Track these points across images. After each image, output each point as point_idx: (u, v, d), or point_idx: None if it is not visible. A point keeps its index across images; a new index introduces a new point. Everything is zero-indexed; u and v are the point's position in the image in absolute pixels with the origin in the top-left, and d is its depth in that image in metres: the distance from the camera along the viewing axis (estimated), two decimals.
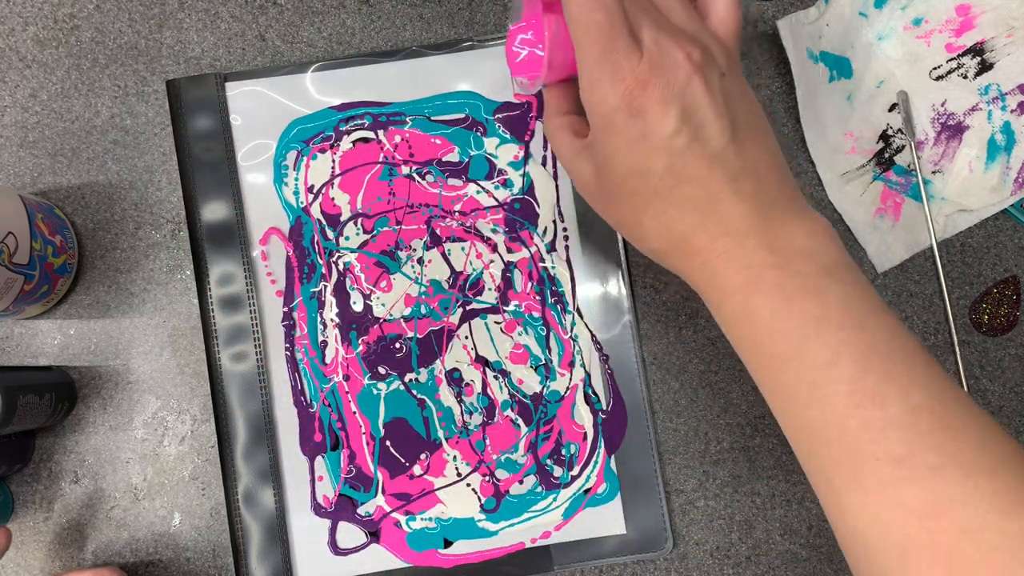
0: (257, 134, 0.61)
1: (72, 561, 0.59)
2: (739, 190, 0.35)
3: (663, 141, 0.34)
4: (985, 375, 0.61)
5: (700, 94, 0.34)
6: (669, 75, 0.34)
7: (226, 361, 0.60)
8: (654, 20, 0.35)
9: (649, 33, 0.34)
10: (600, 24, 0.34)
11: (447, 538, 0.59)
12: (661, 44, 0.34)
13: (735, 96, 0.36)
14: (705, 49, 0.35)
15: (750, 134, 0.36)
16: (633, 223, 0.37)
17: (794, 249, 0.35)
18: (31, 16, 0.62)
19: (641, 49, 0.34)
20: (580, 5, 0.34)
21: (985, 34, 0.57)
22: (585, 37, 0.34)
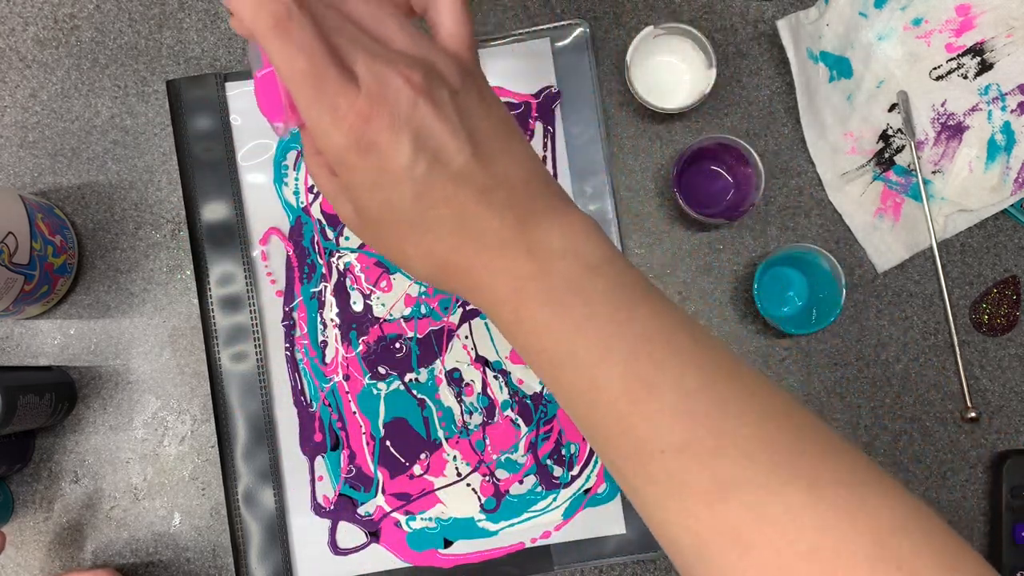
0: (257, 134, 0.61)
1: (72, 561, 0.59)
2: (491, 203, 0.35)
3: (403, 172, 0.33)
4: (985, 375, 0.61)
5: (429, 117, 0.34)
6: (392, 104, 0.33)
7: (226, 361, 0.60)
8: (367, 49, 0.34)
9: (363, 64, 0.33)
10: (304, 69, 0.32)
11: (447, 538, 0.59)
12: (377, 73, 0.33)
13: (472, 110, 0.35)
14: (428, 69, 0.35)
15: (497, 145, 0.36)
16: (398, 254, 0.37)
17: (554, 251, 0.35)
18: (31, 16, 0.62)
19: (357, 82, 0.33)
20: (280, 55, 0.33)
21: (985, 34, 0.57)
22: (294, 85, 0.33)
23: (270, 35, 0.32)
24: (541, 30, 0.61)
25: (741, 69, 0.62)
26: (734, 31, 0.62)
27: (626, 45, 0.60)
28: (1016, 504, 0.58)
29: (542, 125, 0.61)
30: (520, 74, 0.61)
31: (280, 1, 0.32)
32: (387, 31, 0.36)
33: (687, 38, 0.60)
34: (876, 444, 0.60)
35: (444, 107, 0.34)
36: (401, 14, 0.37)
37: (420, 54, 0.35)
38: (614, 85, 0.62)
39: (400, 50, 0.35)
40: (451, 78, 0.35)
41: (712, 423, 0.32)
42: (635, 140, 0.62)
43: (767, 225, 0.62)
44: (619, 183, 0.61)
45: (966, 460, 0.60)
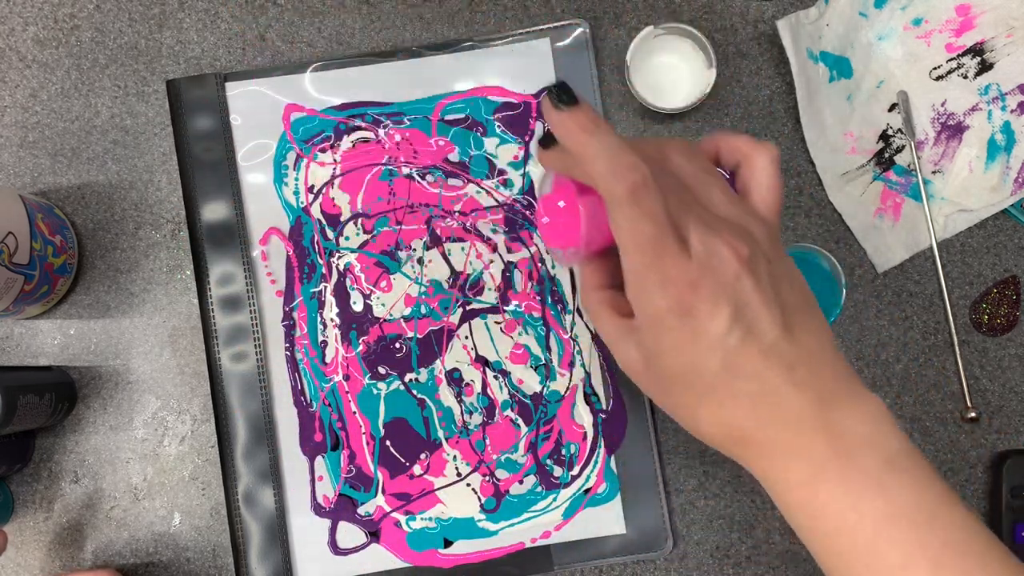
0: (257, 134, 0.61)
1: (72, 561, 0.59)
2: (795, 380, 0.35)
3: (716, 340, 0.34)
4: (985, 375, 0.61)
5: (749, 290, 0.34)
6: (718, 274, 0.34)
7: (226, 361, 0.60)
8: (699, 217, 0.35)
9: (696, 233, 0.34)
10: (649, 234, 0.33)
11: (447, 538, 0.59)
12: (708, 243, 0.34)
13: (782, 280, 0.36)
14: (751, 240, 0.35)
15: (801, 318, 0.36)
16: (687, 414, 0.37)
17: (855, 438, 0.34)
18: (31, 16, 0.62)
19: (689, 250, 0.34)
20: (628, 218, 0.33)
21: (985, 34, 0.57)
22: (633, 246, 0.34)
23: (624, 201, 0.33)
24: (541, 30, 0.61)
25: (741, 69, 0.62)
26: (734, 31, 0.62)
27: (626, 45, 0.60)
28: (1016, 504, 0.58)
29: (542, 125, 0.61)
30: (520, 74, 0.61)
31: (639, 171, 0.33)
32: (710, 193, 0.37)
33: (687, 38, 0.60)
34: None
35: (762, 280, 0.35)
36: (720, 176, 0.38)
37: (741, 221, 0.36)
38: (614, 85, 0.62)
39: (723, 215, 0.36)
40: (766, 247, 0.36)
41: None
42: None
43: None
44: None
45: (966, 460, 0.60)
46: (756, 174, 0.39)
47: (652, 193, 0.34)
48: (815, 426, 0.35)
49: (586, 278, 0.40)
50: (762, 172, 0.39)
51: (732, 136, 0.40)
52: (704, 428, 0.37)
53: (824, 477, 0.34)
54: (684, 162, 0.38)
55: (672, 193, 0.35)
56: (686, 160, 0.38)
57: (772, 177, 0.39)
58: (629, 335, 0.37)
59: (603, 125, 0.35)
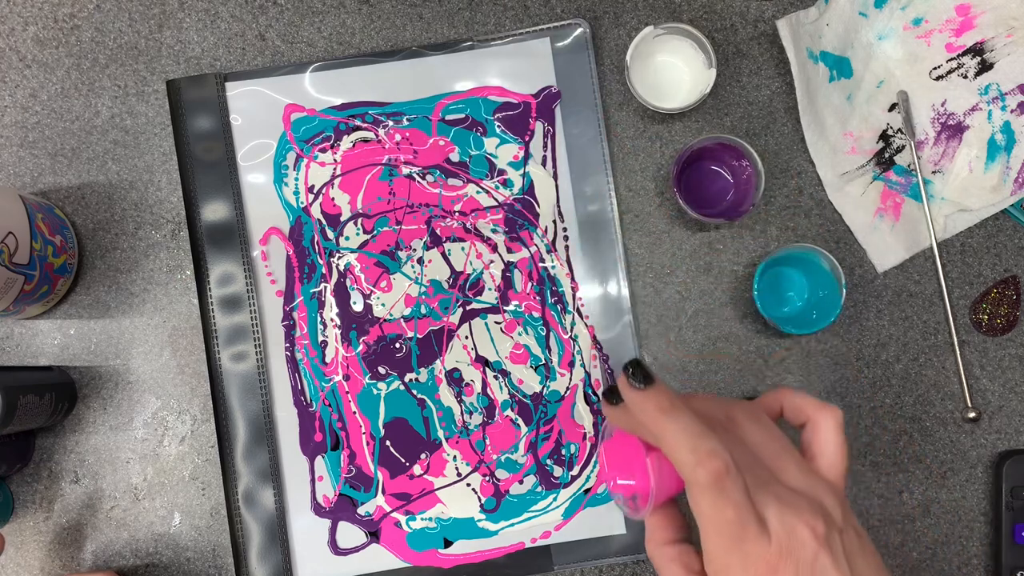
0: (257, 134, 0.61)
1: (72, 561, 0.59)
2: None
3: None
4: (985, 375, 0.61)
5: (827, 567, 0.35)
6: (797, 555, 0.34)
7: (226, 361, 0.60)
8: (776, 495, 0.36)
9: (774, 513, 0.35)
10: (731, 519, 0.34)
11: (447, 538, 0.59)
12: (786, 523, 0.35)
13: (855, 549, 0.37)
14: (826, 515, 0.36)
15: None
16: None
17: None
18: (31, 16, 0.62)
19: (768, 531, 0.35)
20: (712, 506, 0.34)
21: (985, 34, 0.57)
22: (714, 530, 0.34)
23: (708, 488, 0.34)
24: (541, 30, 0.61)
25: (741, 69, 0.62)
26: (734, 31, 0.62)
27: (626, 45, 0.60)
28: (1016, 504, 0.58)
29: (542, 125, 0.61)
30: (520, 74, 0.61)
31: (721, 458, 0.34)
32: (783, 464, 0.38)
33: (687, 38, 0.60)
34: (876, 444, 0.60)
35: (838, 554, 0.35)
36: (791, 445, 0.39)
37: (814, 493, 0.37)
38: (614, 85, 0.62)
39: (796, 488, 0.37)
40: (836, 516, 0.37)
41: None
42: (635, 140, 0.62)
43: (767, 225, 0.62)
44: (619, 183, 0.61)
45: (966, 460, 0.60)
46: (822, 438, 0.40)
47: (734, 480, 0.34)
48: None
49: (653, 531, 0.40)
50: (828, 437, 0.40)
51: (796, 396, 0.41)
52: None
53: None
54: (754, 429, 0.39)
55: (748, 469, 0.36)
56: (756, 427, 0.39)
57: (839, 442, 0.40)
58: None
59: (680, 405, 0.36)
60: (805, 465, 0.39)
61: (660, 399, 0.36)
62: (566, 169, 0.61)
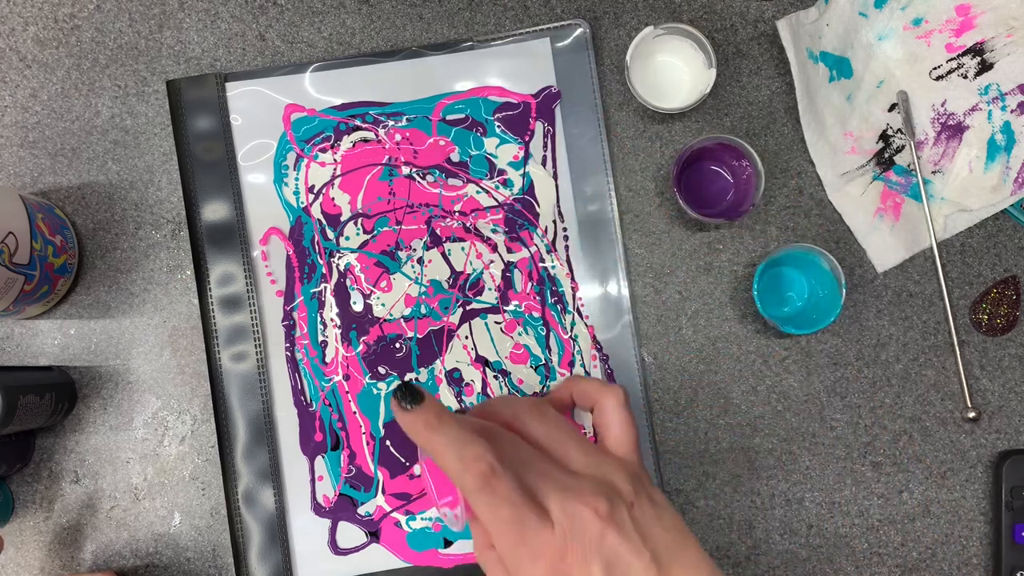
0: (257, 134, 0.61)
1: (72, 561, 0.59)
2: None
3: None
4: (985, 375, 0.61)
5: (616, 543, 0.35)
6: (582, 537, 0.35)
7: (226, 361, 0.60)
8: (555, 482, 0.36)
9: (555, 501, 0.36)
10: (507, 516, 0.35)
11: (447, 538, 0.59)
12: (567, 508, 0.36)
13: (648, 518, 0.38)
14: (610, 492, 0.37)
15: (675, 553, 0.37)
16: None
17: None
18: (31, 16, 0.62)
19: (551, 520, 0.35)
20: (485, 508, 0.35)
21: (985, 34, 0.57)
22: (496, 530, 0.35)
23: (477, 492, 0.35)
24: (541, 30, 0.61)
25: (741, 69, 0.62)
26: (734, 31, 0.62)
27: (626, 45, 0.60)
28: (1016, 504, 0.58)
29: (542, 125, 0.61)
30: (520, 74, 0.61)
31: (484, 460, 0.35)
32: (566, 451, 0.39)
33: (687, 38, 0.60)
34: (876, 444, 0.60)
35: (627, 529, 0.36)
36: (575, 431, 0.40)
37: (599, 473, 0.38)
38: (614, 85, 0.62)
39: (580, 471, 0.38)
40: (626, 492, 0.38)
41: None
42: (635, 140, 0.62)
43: (767, 225, 0.62)
44: (619, 183, 0.61)
45: (966, 460, 0.60)
46: (606, 417, 0.41)
47: (501, 478, 0.35)
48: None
49: (477, 537, 0.41)
50: (612, 414, 0.41)
51: (582, 381, 0.43)
52: None
53: None
54: (536, 424, 0.39)
55: (528, 464, 0.37)
56: (538, 421, 0.40)
57: (623, 418, 0.41)
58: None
59: (447, 419, 0.36)
60: (589, 447, 0.39)
61: (428, 416, 0.36)
62: (566, 169, 0.61)
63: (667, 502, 0.40)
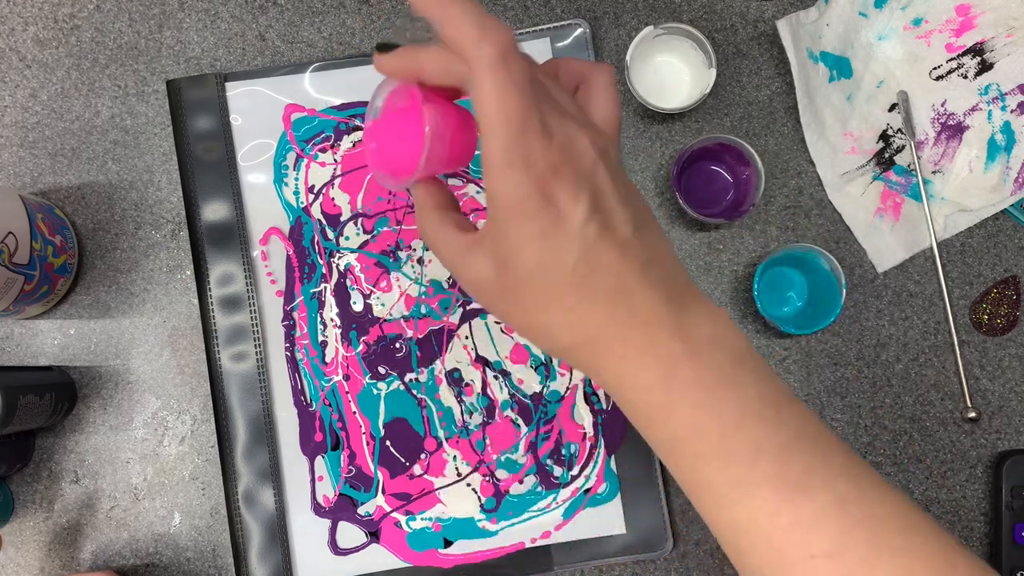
0: (257, 134, 0.61)
1: (72, 561, 0.59)
2: (649, 279, 0.34)
3: (575, 230, 0.33)
4: (985, 375, 0.61)
5: (606, 181, 0.34)
6: (577, 161, 0.33)
7: (226, 361, 0.60)
8: (557, 107, 0.34)
9: (556, 119, 0.33)
10: (516, 106, 0.32)
11: (447, 538, 0.59)
12: (568, 130, 0.33)
13: (629, 188, 0.36)
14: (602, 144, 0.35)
15: (647, 220, 0.36)
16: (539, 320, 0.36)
17: (704, 338, 0.34)
18: (31, 16, 0.62)
19: (551, 132, 0.33)
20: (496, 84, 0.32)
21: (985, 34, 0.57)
22: (499, 121, 0.32)
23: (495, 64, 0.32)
24: (541, 30, 0.61)
25: (741, 69, 0.62)
26: (734, 31, 0.62)
27: (626, 45, 0.60)
28: (1016, 504, 0.58)
29: None
30: None
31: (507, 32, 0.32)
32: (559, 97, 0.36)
33: (687, 38, 0.60)
34: (876, 444, 0.60)
35: (616, 176, 0.34)
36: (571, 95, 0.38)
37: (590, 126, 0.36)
38: None
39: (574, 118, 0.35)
40: (613, 155, 0.36)
41: (864, 532, 0.32)
42: (635, 140, 0.62)
43: (767, 225, 0.62)
44: None
45: (966, 460, 0.60)
46: (595, 92, 0.38)
47: (520, 60, 0.32)
48: (667, 326, 0.34)
49: (423, 199, 0.38)
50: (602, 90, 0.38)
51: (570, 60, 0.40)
52: (557, 333, 0.35)
53: (677, 376, 0.34)
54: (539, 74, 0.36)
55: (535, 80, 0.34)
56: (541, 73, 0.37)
57: (611, 95, 0.38)
58: (476, 247, 0.36)
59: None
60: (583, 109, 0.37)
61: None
62: None
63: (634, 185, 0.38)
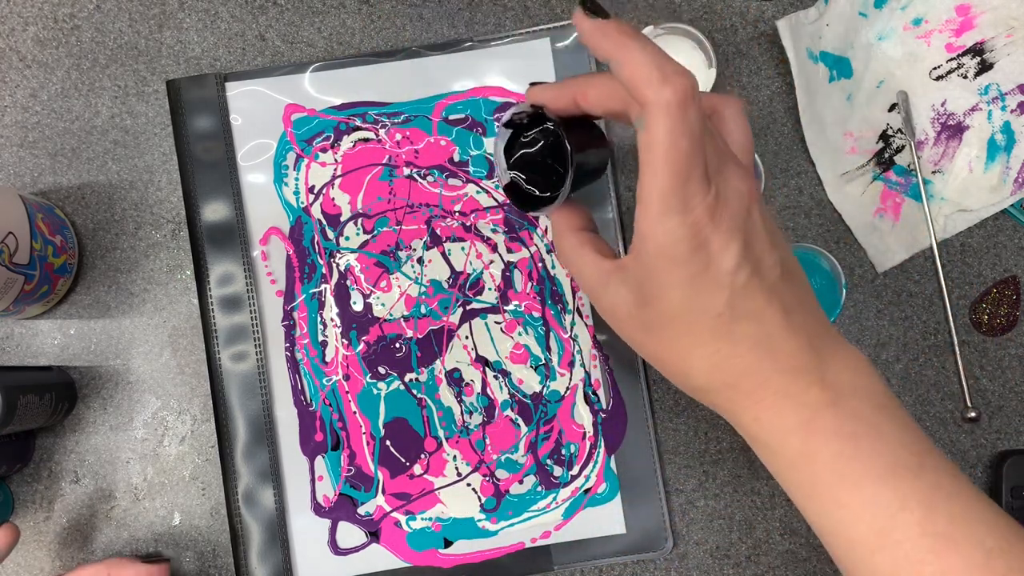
0: (257, 134, 0.61)
1: (72, 561, 0.59)
2: (792, 324, 0.34)
3: (726, 276, 0.33)
4: (985, 375, 0.61)
5: (758, 226, 0.34)
6: (733, 207, 0.33)
7: (226, 361, 0.60)
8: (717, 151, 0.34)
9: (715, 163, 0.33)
10: (685, 151, 0.31)
11: (447, 538, 0.59)
12: (725, 174, 0.33)
13: (775, 231, 0.35)
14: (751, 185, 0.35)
15: (791, 267, 0.35)
16: (677, 359, 0.35)
17: (846, 386, 0.34)
18: (31, 16, 0.62)
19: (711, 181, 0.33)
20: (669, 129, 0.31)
21: (985, 34, 0.57)
22: (665, 166, 0.32)
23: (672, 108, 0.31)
24: (541, 30, 0.61)
25: (741, 69, 0.62)
26: (734, 31, 0.62)
27: None
28: (1016, 504, 0.58)
29: None
30: (520, 74, 0.61)
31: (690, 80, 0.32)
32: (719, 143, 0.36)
33: (687, 38, 0.60)
34: None
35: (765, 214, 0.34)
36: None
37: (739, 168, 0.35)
38: None
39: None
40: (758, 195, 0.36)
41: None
42: (635, 140, 0.62)
43: None
44: (619, 183, 0.61)
45: (966, 460, 0.60)
46: (729, 126, 0.38)
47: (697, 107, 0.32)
48: (809, 373, 0.34)
49: (561, 221, 0.38)
50: (737, 123, 0.38)
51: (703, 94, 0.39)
52: (695, 374, 0.35)
53: (819, 425, 0.34)
54: None
55: None
56: None
57: (747, 127, 0.38)
58: (617, 275, 0.36)
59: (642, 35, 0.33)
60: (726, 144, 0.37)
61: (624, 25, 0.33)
62: None
63: None
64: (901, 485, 0.33)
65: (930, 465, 0.34)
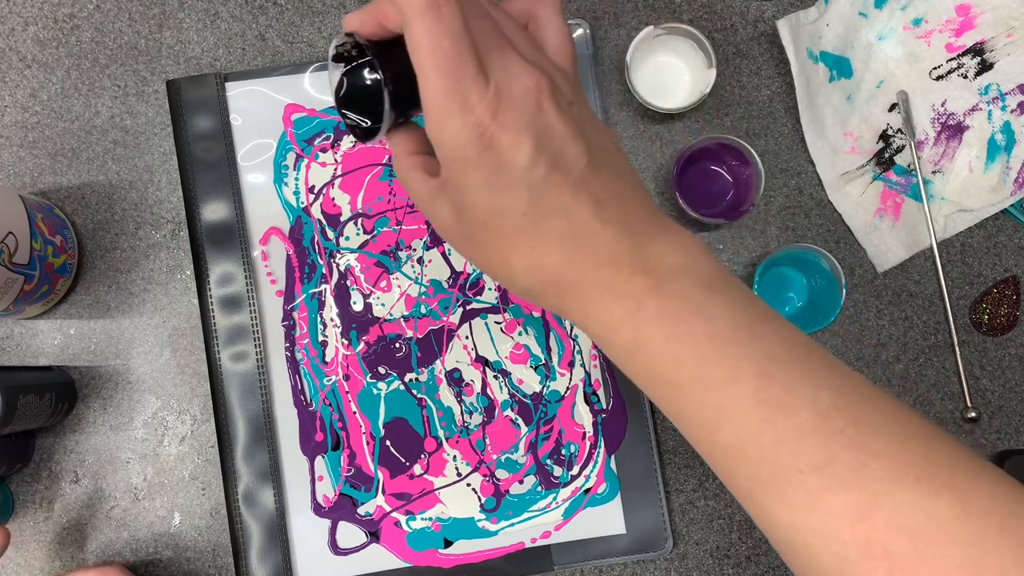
0: (257, 134, 0.61)
1: (72, 561, 0.59)
2: (604, 216, 0.34)
3: (521, 173, 0.32)
4: (985, 375, 0.61)
5: (553, 120, 0.33)
6: (519, 103, 0.32)
7: (226, 361, 0.60)
8: (499, 46, 0.34)
9: (497, 60, 0.33)
10: (447, 51, 0.31)
11: (447, 538, 0.59)
12: (509, 70, 0.33)
13: (586, 122, 0.35)
14: (552, 78, 0.34)
15: (605, 158, 0.35)
16: (500, 264, 0.35)
17: (668, 268, 0.34)
18: (31, 16, 0.62)
19: (489, 77, 0.32)
20: (427, 34, 0.31)
21: (985, 34, 0.57)
22: (431, 66, 0.31)
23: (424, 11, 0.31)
24: None
25: (741, 69, 0.62)
26: (734, 31, 0.62)
27: (626, 45, 0.60)
28: None
29: None
30: None
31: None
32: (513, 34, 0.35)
33: (687, 38, 0.60)
34: None
35: (565, 112, 0.34)
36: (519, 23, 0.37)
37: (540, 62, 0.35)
38: (614, 85, 0.62)
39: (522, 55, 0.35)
40: (567, 90, 0.35)
41: (851, 441, 0.31)
42: (635, 140, 0.62)
43: (767, 225, 0.62)
44: None
45: None
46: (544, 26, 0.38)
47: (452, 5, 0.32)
48: (628, 261, 0.34)
49: (396, 144, 0.38)
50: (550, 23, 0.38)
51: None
52: (518, 276, 0.35)
53: (644, 313, 0.34)
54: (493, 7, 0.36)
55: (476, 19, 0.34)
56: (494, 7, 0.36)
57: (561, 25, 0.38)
58: (440, 192, 0.36)
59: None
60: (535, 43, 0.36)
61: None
62: None
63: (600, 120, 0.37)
64: (728, 359, 0.33)
65: (765, 335, 0.34)
